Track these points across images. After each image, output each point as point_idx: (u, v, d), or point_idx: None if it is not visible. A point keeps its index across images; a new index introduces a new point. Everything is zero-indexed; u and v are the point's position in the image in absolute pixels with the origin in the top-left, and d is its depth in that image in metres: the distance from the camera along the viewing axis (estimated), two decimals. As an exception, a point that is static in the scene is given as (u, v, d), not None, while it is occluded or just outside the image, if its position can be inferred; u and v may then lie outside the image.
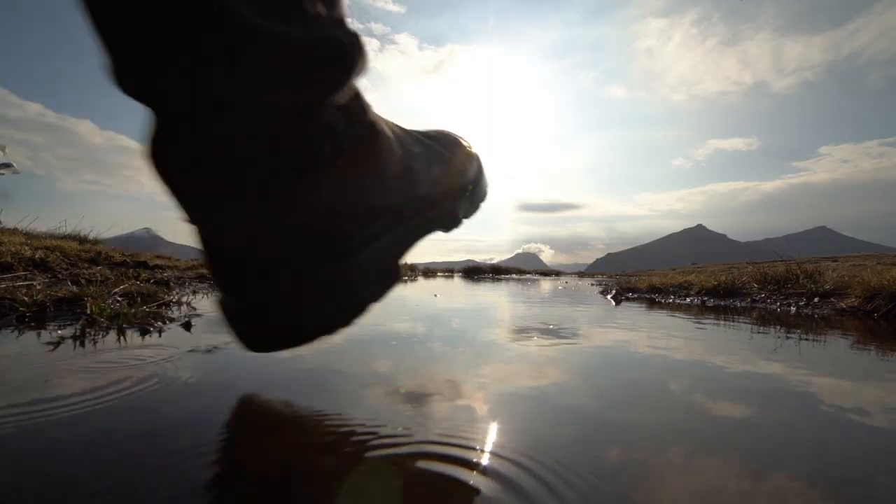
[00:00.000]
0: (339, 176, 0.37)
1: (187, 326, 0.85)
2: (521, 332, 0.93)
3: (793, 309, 1.48)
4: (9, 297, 0.94)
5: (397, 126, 0.46)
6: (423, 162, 0.48)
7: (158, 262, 2.63)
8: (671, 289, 2.25)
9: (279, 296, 0.38)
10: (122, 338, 0.72)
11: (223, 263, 0.37)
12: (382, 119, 0.43)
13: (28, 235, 2.71)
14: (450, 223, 0.56)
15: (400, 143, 0.45)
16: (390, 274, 0.47)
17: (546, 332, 0.92)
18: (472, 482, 0.28)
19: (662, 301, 1.90)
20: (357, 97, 0.39)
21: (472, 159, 0.58)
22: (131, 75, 0.31)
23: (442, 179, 0.51)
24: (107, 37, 0.31)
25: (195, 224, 0.36)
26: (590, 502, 0.26)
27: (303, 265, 0.37)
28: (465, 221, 0.59)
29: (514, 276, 7.16)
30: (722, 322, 1.17)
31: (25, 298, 0.94)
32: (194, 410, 0.40)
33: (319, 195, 0.36)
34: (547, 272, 9.31)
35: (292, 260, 0.37)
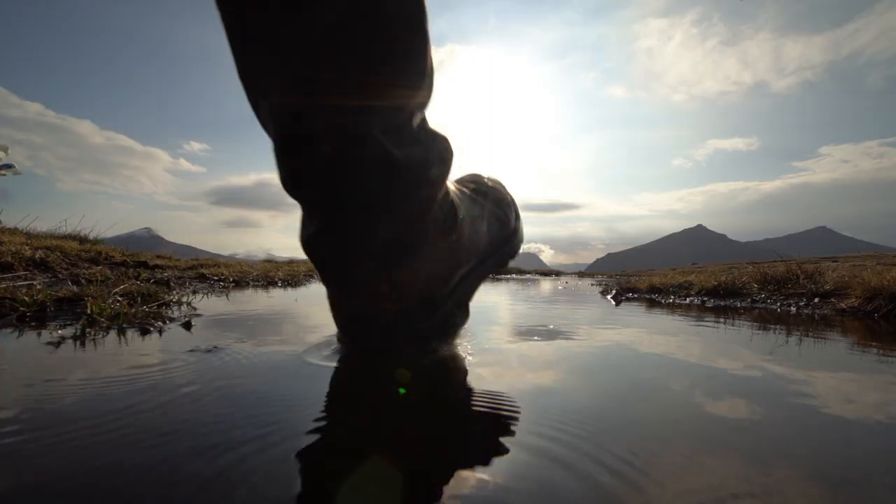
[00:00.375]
0: (436, 249, 0.47)
1: (187, 326, 0.85)
2: (523, 331, 0.93)
3: (793, 309, 1.48)
4: (9, 296, 0.94)
5: (453, 185, 0.55)
6: (484, 222, 0.60)
7: (158, 262, 2.64)
8: (671, 289, 2.25)
9: (390, 343, 0.48)
10: (122, 337, 0.73)
11: (350, 318, 0.48)
12: (448, 186, 0.53)
13: (28, 235, 2.71)
14: (500, 265, 0.67)
15: (465, 208, 0.55)
16: (464, 313, 0.59)
17: (547, 331, 0.92)
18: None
19: (662, 301, 1.90)
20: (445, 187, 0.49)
21: (511, 207, 0.68)
22: (304, 188, 0.41)
23: (495, 231, 0.63)
24: (285, 160, 0.40)
25: (331, 289, 0.46)
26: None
27: (410, 319, 0.48)
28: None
29: (514, 275, 7.16)
30: (722, 322, 1.17)
31: (26, 298, 0.94)
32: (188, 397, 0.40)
33: (423, 266, 0.46)
34: (547, 272, 9.30)
35: (403, 315, 0.47)
